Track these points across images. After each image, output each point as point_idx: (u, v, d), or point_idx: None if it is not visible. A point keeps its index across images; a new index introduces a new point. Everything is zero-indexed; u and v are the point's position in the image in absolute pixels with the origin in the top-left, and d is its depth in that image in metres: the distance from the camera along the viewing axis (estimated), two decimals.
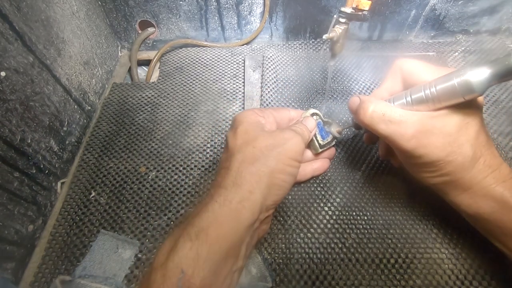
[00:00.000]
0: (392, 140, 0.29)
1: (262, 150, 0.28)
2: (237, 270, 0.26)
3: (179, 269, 0.23)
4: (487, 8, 0.54)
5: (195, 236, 0.24)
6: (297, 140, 0.30)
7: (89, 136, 0.47)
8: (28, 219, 0.37)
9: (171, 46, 0.59)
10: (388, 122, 0.28)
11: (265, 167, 0.28)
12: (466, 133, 0.27)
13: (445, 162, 0.28)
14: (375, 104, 0.29)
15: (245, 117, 0.32)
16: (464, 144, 0.27)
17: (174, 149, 0.45)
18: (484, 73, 0.24)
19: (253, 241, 0.29)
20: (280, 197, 0.29)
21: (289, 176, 0.29)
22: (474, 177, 0.28)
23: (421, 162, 0.29)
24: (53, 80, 0.42)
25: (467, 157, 0.27)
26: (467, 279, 0.32)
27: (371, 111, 0.29)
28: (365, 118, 0.29)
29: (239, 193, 0.26)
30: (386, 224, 0.36)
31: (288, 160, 0.29)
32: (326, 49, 0.58)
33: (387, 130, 0.28)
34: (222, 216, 0.26)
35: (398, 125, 0.28)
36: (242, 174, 0.27)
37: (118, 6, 0.55)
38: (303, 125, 0.33)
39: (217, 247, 0.24)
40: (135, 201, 0.39)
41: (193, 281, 0.23)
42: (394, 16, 0.56)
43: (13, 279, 0.34)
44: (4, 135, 0.34)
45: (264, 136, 0.29)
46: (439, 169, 0.28)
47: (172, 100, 0.51)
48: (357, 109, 0.30)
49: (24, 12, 0.37)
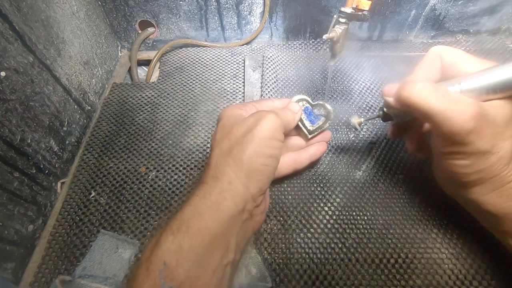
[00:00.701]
0: (444, 118, 0.25)
1: (238, 140, 0.28)
2: (229, 264, 0.26)
3: (162, 262, 0.23)
4: (487, 8, 0.54)
5: (176, 230, 0.24)
6: (270, 118, 0.29)
7: (89, 136, 0.47)
8: (28, 219, 0.37)
9: (171, 46, 0.59)
10: (442, 96, 0.25)
11: (240, 154, 0.27)
12: (511, 128, 0.26)
13: (490, 154, 0.26)
14: (424, 81, 0.26)
15: (225, 112, 0.31)
16: (508, 139, 0.26)
17: (174, 149, 0.45)
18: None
19: (247, 234, 0.29)
20: (264, 183, 0.28)
21: (268, 158, 0.28)
22: (508, 175, 0.26)
23: (466, 151, 0.26)
24: (53, 80, 0.42)
25: (508, 152, 0.26)
26: (467, 279, 0.32)
27: (420, 86, 0.26)
28: (413, 92, 0.26)
29: (218, 185, 0.27)
30: (386, 224, 0.36)
31: (263, 141, 0.28)
32: (326, 49, 0.58)
33: (441, 105, 0.25)
34: (202, 209, 0.26)
35: (456, 101, 0.25)
36: (220, 167, 0.27)
37: (118, 6, 0.55)
38: (286, 109, 0.33)
39: (199, 239, 0.24)
40: (135, 201, 0.39)
41: (177, 273, 0.23)
42: (394, 16, 0.56)
43: (13, 279, 0.34)
44: (4, 135, 0.34)
45: (238, 125, 0.29)
46: (480, 162, 0.26)
47: (172, 100, 0.51)
48: (401, 88, 0.27)
49: (24, 12, 0.37)
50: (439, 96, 0.25)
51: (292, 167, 0.37)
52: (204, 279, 0.24)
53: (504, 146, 0.26)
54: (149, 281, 0.23)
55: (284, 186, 0.40)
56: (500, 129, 0.26)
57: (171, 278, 0.23)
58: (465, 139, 0.25)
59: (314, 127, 0.37)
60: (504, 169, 0.26)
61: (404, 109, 0.29)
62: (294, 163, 0.37)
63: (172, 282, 0.23)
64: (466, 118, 0.24)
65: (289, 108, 0.34)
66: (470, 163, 0.26)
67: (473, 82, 0.26)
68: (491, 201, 0.27)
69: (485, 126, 0.25)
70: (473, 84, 0.26)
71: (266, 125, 0.28)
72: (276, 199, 0.39)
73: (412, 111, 0.27)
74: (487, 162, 0.26)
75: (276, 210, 0.38)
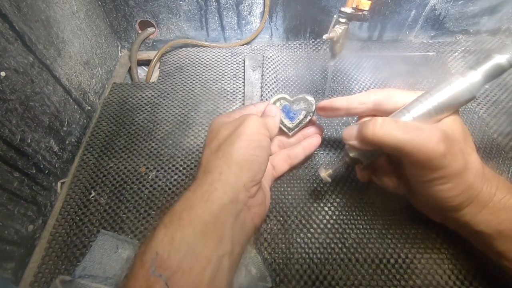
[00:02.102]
0: (415, 147, 0.25)
1: (225, 137, 0.30)
2: (225, 255, 0.26)
3: (154, 252, 0.23)
4: (487, 8, 0.54)
5: (169, 222, 0.25)
6: (253, 117, 0.31)
7: (89, 136, 0.47)
8: (28, 219, 0.37)
9: (171, 46, 0.59)
10: (404, 127, 0.26)
11: (228, 148, 0.29)
12: (470, 141, 0.27)
13: (467, 171, 0.25)
14: (382, 118, 0.27)
15: (214, 121, 0.34)
16: (471, 153, 0.26)
17: (174, 149, 0.45)
18: (477, 75, 0.26)
19: (245, 227, 0.29)
20: (255, 173, 0.29)
21: (257, 149, 0.29)
22: (489, 189, 0.26)
23: (446, 175, 0.25)
24: (53, 80, 0.42)
25: (479, 167, 0.26)
26: (467, 279, 0.32)
27: (380, 122, 0.26)
28: (374, 130, 0.26)
29: (209, 177, 0.28)
30: (386, 224, 0.36)
31: (250, 135, 0.29)
32: (326, 49, 0.58)
33: (406, 136, 0.25)
34: (193, 200, 0.26)
35: (420, 130, 0.25)
36: (211, 162, 0.29)
37: (118, 6, 0.55)
38: (265, 116, 0.35)
39: (190, 229, 0.25)
40: (135, 201, 0.39)
41: (170, 263, 0.23)
42: (394, 16, 0.56)
43: (13, 279, 0.34)
44: (4, 135, 0.34)
45: (225, 127, 0.31)
46: (462, 182, 0.26)
47: (172, 100, 0.51)
48: (361, 129, 0.28)
49: (24, 12, 0.37)
50: (401, 128, 0.26)
51: (287, 162, 0.39)
52: (198, 270, 0.24)
53: (472, 160, 0.26)
54: (143, 271, 0.23)
55: (284, 186, 0.40)
56: (462, 144, 0.26)
57: (163, 267, 0.23)
58: (441, 162, 0.25)
59: (293, 124, 0.37)
60: (484, 183, 0.26)
61: (372, 148, 0.29)
62: (288, 158, 0.38)
63: (165, 271, 0.23)
64: (436, 141, 0.25)
65: (267, 114, 0.35)
66: (453, 185, 0.26)
67: (421, 108, 0.27)
68: (483, 219, 0.27)
69: (453, 144, 0.25)
70: (422, 109, 0.27)
71: (251, 123, 0.30)
72: (276, 199, 0.39)
73: (380, 149, 0.27)
74: (467, 179, 0.26)
75: (276, 210, 0.38)
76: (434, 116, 0.27)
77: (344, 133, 0.30)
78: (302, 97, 0.38)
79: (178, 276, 0.23)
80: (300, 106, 0.38)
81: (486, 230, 0.27)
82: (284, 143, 0.39)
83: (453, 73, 0.28)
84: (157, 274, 0.22)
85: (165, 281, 0.22)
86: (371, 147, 0.29)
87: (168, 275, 0.23)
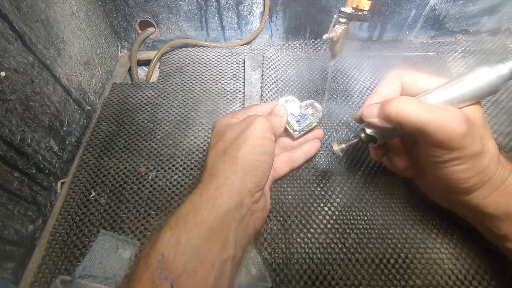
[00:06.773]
0: (437, 126, 0.25)
1: (231, 140, 0.30)
2: (229, 259, 0.26)
3: (160, 254, 0.24)
4: (487, 8, 0.54)
5: (174, 225, 0.25)
6: (260, 120, 0.30)
7: (89, 136, 0.47)
8: (28, 219, 0.37)
9: (171, 46, 0.59)
10: (428, 108, 0.26)
11: (235, 151, 0.29)
12: (488, 129, 0.28)
13: (484, 154, 0.27)
14: (406, 97, 0.27)
15: (218, 122, 0.34)
16: (489, 139, 0.28)
17: (174, 149, 0.45)
18: (505, 69, 0.27)
19: (247, 231, 0.29)
20: (260, 178, 0.29)
21: (262, 155, 0.29)
22: (502, 174, 0.28)
23: (463, 156, 0.26)
24: (53, 80, 0.42)
25: (496, 152, 0.28)
26: (467, 279, 0.32)
27: (405, 100, 0.26)
28: (399, 107, 0.26)
29: (215, 181, 0.28)
30: (386, 224, 0.36)
31: (256, 140, 0.29)
32: (326, 49, 0.58)
33: (430, 115, 0.25)
34: (199, 204, 0.26)
35: (443, 110, 0.26)
36: (216, 166, 0.29)
37: (118, 6, 0.55)
38: (273, 114, 0.35)
39: (196, 232, 0.25)
40: (135, 201, 0.39)
41: (175, 265, 0.23)
42: (394, 16, 0.56)
43: (13, 279, 0.34)
44: (4, 135, 0.34)
45: (231, 129, 0.31)
46: (478, 164, 0.27)
47: (172, 100, 0.51)
48: (385, 106, 0.28)
49: (24, 12, 0.37)
50: (425, 107, 0.26)
51: (288, 165, 0.39)
52: (203, 273, 0.24)
53: (489, 145, 0.27)
54: (148, 273, 0.23)
55: (284, 186, 0.40)
56: (481, 130, 0.27)
57: (169, 270, 0.23)
58: (461, 142, 0.26)
59: (301, 127, 0.38)
60: (498, 167, 0.28)
61: (393, 126, 0.29)
62: (289, 161, 0.39)
63: (170, 274, 0.23)
64: (458, 121, 0.25)
65: (275, 113, 0.35)
66: (469, 166, 0.27)
67: (444, 94, 0.28)
68: (493, 201, 0.28)
69: (473, 128, 0.26)
70: (445, 96, 0.28)
71: (257, 126, 0.30)
72: (276, 199, 0.39)
73: (401, 127, 0.28)
74: (483, 162, 0.27)
75: (276, 210, 0.38)
76: (456, 104, 0.28)
77: (365, 111, 0.30)
78: (310, 102, 0.39)
79: (183, 278, 0.23)
80: (308, 111, 0.39)
81: (494, 212, 0.28)
82: (286, 145, 0.40)
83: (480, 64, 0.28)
84: (163, 276, 0.22)
85: (171, 283, 0.22)
86: (392, 125, 0.28)
87: (173, 277, 0.23)
